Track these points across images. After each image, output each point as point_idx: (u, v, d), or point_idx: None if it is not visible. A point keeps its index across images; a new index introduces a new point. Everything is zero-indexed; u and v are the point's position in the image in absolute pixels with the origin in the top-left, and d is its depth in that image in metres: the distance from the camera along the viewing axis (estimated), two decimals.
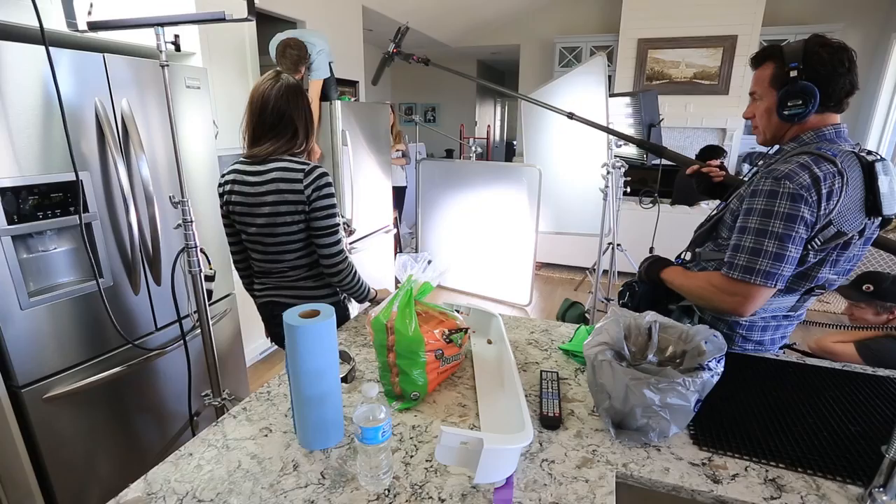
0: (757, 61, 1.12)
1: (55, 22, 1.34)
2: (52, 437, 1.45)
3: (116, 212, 1.50)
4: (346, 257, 1.37)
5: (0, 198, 1.24)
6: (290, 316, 0.83)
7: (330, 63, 2.93)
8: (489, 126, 7.21)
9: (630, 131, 2.88)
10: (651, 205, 2.87)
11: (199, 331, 1.54)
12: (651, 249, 3.01)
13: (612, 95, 2.78)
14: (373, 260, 3.41)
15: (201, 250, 1.46)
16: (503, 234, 3.66)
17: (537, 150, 3.58)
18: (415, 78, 7.95)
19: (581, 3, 5.66)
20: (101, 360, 1.54)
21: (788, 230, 0.98)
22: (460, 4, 5.08)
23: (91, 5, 1.38)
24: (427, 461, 0.83)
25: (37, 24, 1.02)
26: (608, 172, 2.57)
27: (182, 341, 1.52)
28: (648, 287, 1.32)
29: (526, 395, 1.03)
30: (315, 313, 0.85)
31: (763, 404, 0.98)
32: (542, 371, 1.10)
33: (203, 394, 1.60)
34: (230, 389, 1.68)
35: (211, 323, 1.61)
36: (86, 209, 1.42)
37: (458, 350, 1.08)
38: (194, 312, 1.50)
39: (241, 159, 1.34)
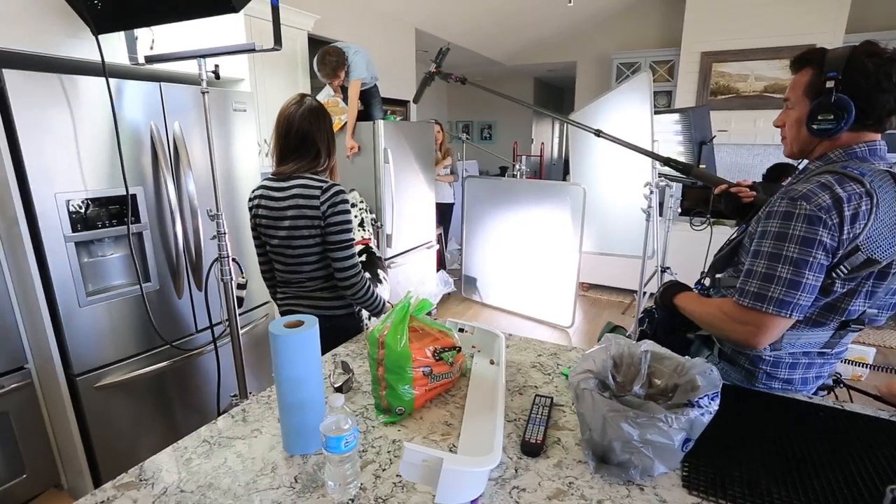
0: (796, 65, 1.03)
1: (121, 57, 1.54)
2: (102, 423, 1.62)
3: (165, 223, 1.67)
4: (360, 271, 1.43)
5: (67, 208, 1.43)
6: (275, 326, 0.88)
7: (376, 83, 3.07)
8: (543, 143, 7.13)
9: (679, 149, 2.75)
10: (703, 226, 2.69)
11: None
12: (702, 274, 2.82)
13: (657, 112, 2.67)
14: (414, 275, 3.48)
15: (234, 259, 1.58)
16: (547, 253, 3.59)
17: (584, 169, 3.50)
18: (471, 96, 8.08)
19: (640, 18, 5.51)
20: (147, 355, 1.70)
21: (805, 255, 0.90)
22: (515, 23, 5.13)
23: (153, 41, 1.57)
24: (397, 476, 0.84)
25: (108, 61, 1.18)
26: (651, 192, 2.46)
27: (213, 344, 1.63)
28: (666, 314, 1.25)
29: (515, 420, 1.02)
30: (300, 324, 0.90)
31: (777, 450, 0.89)
32: (536, 395, 1.07)
33: (231, 395, 1.71)
34: (267, 392, 1.77)
35: (248, 328, 1.72)
36: (139, 220, 1.59)
37: (448, 368, 1.09)
38: (226, 320, 1.61)
39: (269, 176, 1.44)
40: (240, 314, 1.68)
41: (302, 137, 1.38)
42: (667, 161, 1.45)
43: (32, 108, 1.36)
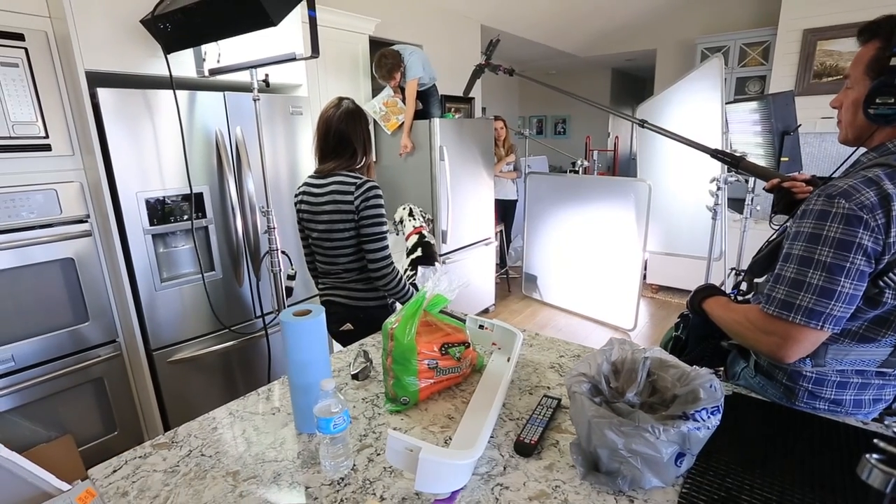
0: (863, 36, 0.89)
1: (192, 71, 1.73)
2: (174, 392, 1.85)
3: (228, 218, 1.86)
4: (391, 263, 1.49)
5: (146, 205, 1.65)
6: (285, 314, 0.96)
7: (434, 83, 3.13)
8: (617, 137, 6.78)
9: (757, 140, 2.49)
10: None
11: None
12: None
13: (731, 101, 2.44)
14: (471, 271, 3.51)
15: (283, 252, 1.72)
16: (610, 252, 3.44)
17: (651, 164, 3.30)
18: (543, 89, 7.87)
19: None
20: (212, 336, 1.91)
21: (840, 260, 0.79)
22: (585, 12, 4.93)
23: (219, 54, 1.75)
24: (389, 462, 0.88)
25: (182, 75, 1.34)
26: (717, 188, 2.26)
27: (265, 331, 1.79)
28: (699, 319, 1.17)
29: (518, 419, 1.01)
30: (308, 312, 0.97)
31: (803, 478, 0.79)
32: (544, 396, 1.06)
33: (284, 375, 1.86)
34: None
35: None
36: (205, 215, 1.78)
37: (455, 363, 1.10)
38: (277, 310, 1.76)
39: (312, 174, 1.55)
40: (291, 304, 1.82)
41: (339, 138, 1.46)
42: (714, 153, 1.34)
43: (120, 119, 1.59)
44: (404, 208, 2.42)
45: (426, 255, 2.35)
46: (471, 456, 0.78)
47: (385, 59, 2.78)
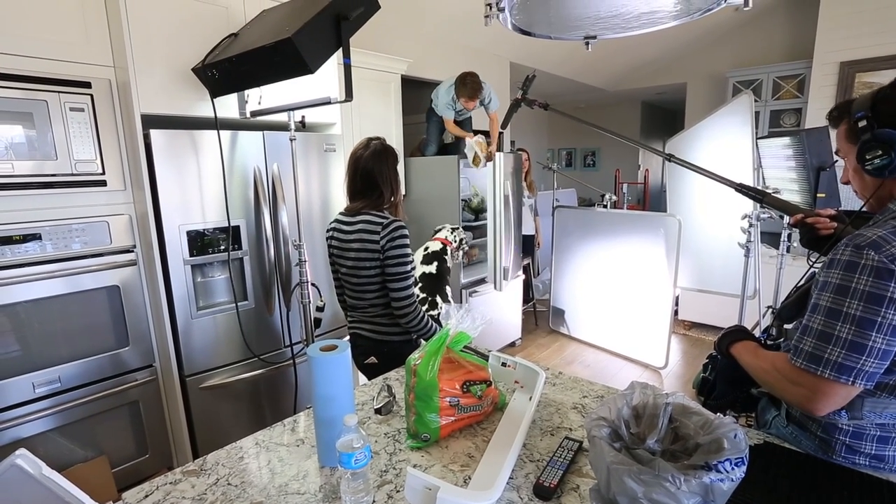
0: (835, 121, 1.01)
1: (235, 113, 1.86)
2: (204, 417, 1.90)
3: (262, 250, 1.95)
4: (414, 302, 1.52)
5: (187, 237, 1.75)
6: (312, 349, 0.99)
7: (470, 116, 3.24)
8: (647, 170, 6.73)
9: (791, 176, 2.44)
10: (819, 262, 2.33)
11: None
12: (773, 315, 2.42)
13: (761, 137, 2.41)
14: (498, 304, 3.50)
15: (313, 284, 1.78)
16: (639, 287, 3.37)
17: (681, 198, 3.26)
18: (573, 122, 7.94)
19: (761, 30, 5.01)
20: (242, 364, 1.97)
21: (871, 314, 0.77)
22: (614, 48, 5.00)
23: (260, 96, 1.87)
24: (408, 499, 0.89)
25: (225, 116, 1.45)
26: (750, 225, 2.21)
27: (293, 360, 1.84)
28: (728, 363, 1.14)
29: (538, 460, 1.00)
30: (334, 348, 1.00)
31: None
32: (566, 438, 1.04)
33: (308, 405, 1.89)
34: None
35: None
36: (241, 247, 1.87)
37: (477, 401, 1.11)
38: (304, 340, 1.81)
39: (342, 211, 1.62)
40: (319, 335, 1.87)
41: (366, 179, 1.52)
42: (739, 187, 1.33)
43: (168, 157, 1.72)
44: (445, 227, 2.46)
45: (439, 272, 2.35)
46: (489, 498, 0.79)
47: (472, 80, 2.89)
